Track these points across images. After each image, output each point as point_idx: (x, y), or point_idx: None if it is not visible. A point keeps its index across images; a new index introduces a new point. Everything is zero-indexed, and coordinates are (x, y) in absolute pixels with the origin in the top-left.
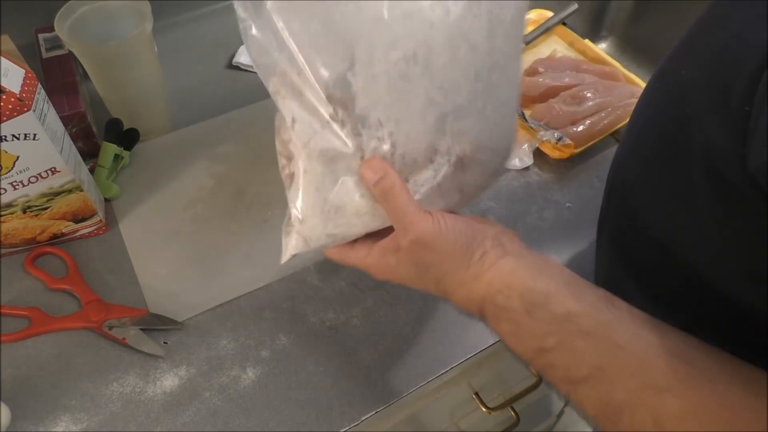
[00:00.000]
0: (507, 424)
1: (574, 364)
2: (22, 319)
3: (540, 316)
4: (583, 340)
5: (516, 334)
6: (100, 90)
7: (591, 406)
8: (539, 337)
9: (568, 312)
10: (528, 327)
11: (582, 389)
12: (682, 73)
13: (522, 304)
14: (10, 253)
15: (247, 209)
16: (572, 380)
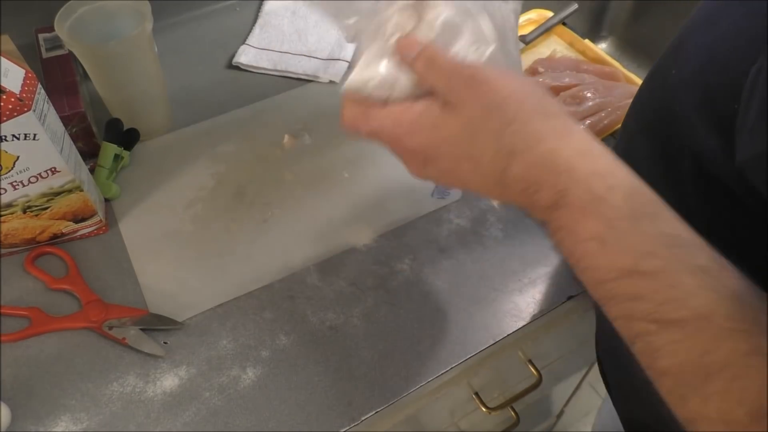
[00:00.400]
0: (507, 424)
1: (672, 301)
2: (22, 319)
3: (647, 228)
4: (694, 277)
5: (604, 241)
6: (100, 90)
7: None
8: (637, 255)
9: (678, 236)
10: (626, 236)
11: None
12: (673, 73)
13: (628, 204)
14: (10, 253)
15: (247, 209)
16: (659, 320)
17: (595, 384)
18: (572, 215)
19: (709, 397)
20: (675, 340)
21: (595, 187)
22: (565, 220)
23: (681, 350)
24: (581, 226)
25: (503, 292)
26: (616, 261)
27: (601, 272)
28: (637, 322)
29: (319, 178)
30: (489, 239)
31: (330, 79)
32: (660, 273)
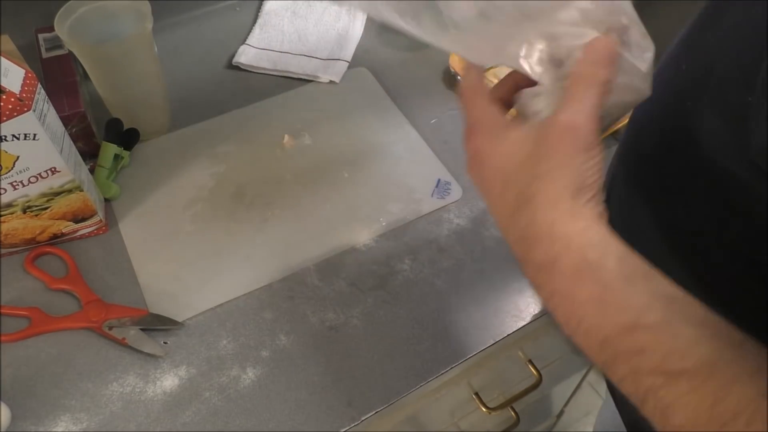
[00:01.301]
0: (507, 424)
1: (676, 352)
2: (22, 319)
3: (642, 287)
4: (694, 328)
5: (601, 301)
6: (100, 90)
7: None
8: (635, 310)
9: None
10: (624, 295)
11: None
12: (683, 68)
13: (619, 267)
14: (10, 253)
15: (247, 209)
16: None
17: (595, 384)
18: (566, 280)
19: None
20: (684, 392)
21: (589, 255)
22: (559, 285)
23: (692, 402)
24: (577, 290)
25: (503, 292)
26: (616, 318)
27: (603, 331)
28: (644, 378)
29: (319, 178)
30: (489, 239)
31: (330, 79)
32: (660, 326)
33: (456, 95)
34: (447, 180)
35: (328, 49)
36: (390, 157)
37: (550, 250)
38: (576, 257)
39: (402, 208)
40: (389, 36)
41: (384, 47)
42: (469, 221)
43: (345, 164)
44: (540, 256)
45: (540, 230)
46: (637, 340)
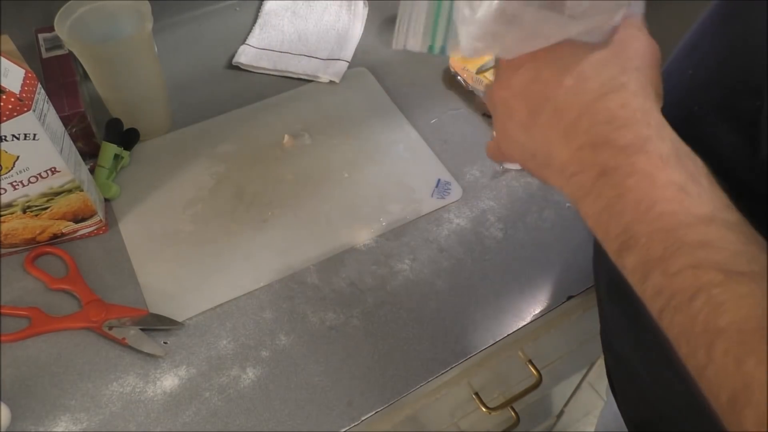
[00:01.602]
0: (507, 424)
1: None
2: (22, 319)
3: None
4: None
5: (685, 189)
6: (100, 90)
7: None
8: (717, 206)
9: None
10: (707, 189)
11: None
12: (689, 73)
13: (705, 169)
14: (10, 253)
15: (247, 209)
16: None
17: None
18: (652, 161)
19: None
20: (742, 294)
21: (679, 147)
22: (643, 165)
23: (745, 305)
24: (662, 172)
25: (503, 292)
26: (694, 208)
27: (677, 218)
28: (703, 272)
29: (319, 178)
30: (489, 239)
31: (330, 79)
32: (737, 226)
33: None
34: (447, 180)
35: (328, 49)
36: (390, 157)
37: (643, 132)
38: (668, 145)
39: (402, 208)
40: (389, 36)
41: (384, 47)
42: (469, 221)
43: (345, 164)
44: (629, 136)
45: (635, 113)
46: (709, 234)
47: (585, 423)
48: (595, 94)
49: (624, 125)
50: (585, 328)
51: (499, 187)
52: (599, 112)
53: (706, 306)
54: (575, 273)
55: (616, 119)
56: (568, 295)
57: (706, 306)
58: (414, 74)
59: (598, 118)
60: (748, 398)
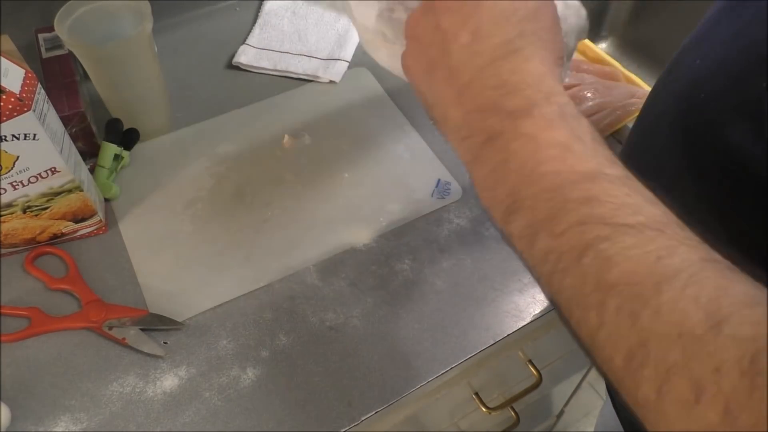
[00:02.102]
0: (507, 424)
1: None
2: (22, 319)
3: (608, 149)
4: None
5: (569, 148)
6: (100, 90)
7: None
8: (600, 162)
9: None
10: (592, 147)
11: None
12: (696, 63)
13: (591, 131)
14: (10, 253)
15: (247, 209)
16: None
17: (595, 384)
18: (537, 124)
19: (663, 306)
20: (629, 245)
21: (566, 110)
22: (528, 128)
23: (634, 256)
24: (546, 134)
25: (503, 292)
26: (579, 165)
27: (561, 176)
28: (590, 227)
29: (319, 178)
30: (489, 239)
31: (330, 79)
32: (620, 179)
33: None
34: (447, 180)
35: (328, 49)
36: (390, 157)
37: (532, 97)
38: (555, 108)
39: (402, 208)
40: None
41: None
42: (469, 221)
43: (345, 164)
44: (517, 101)
45: (525, 79)
46: (592, 188)
47: (585, 423)
48: (488, 57)
49: (512, 91)
50: None
51: None
52: (490, 77)
53: (595, 262)
54: None
55: (506, 85)
56: None
57: (595, 262)
58: None
59: (489, 83)
60: (646, 355)
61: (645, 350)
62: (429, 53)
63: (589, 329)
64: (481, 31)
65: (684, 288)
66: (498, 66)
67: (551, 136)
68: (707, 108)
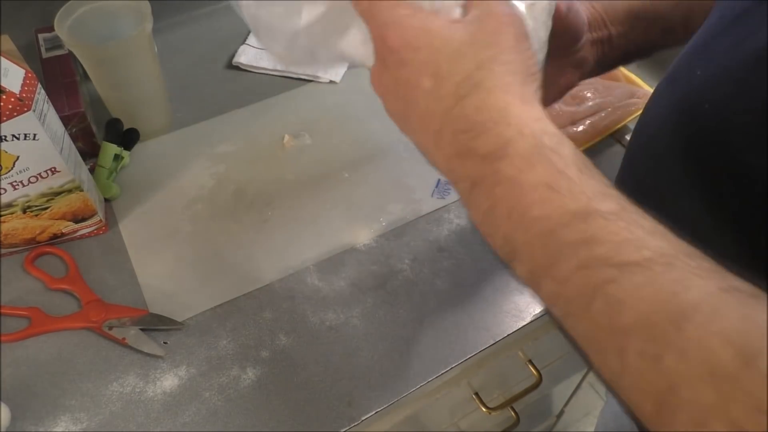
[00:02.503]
0: (507, 424)
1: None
2: (22, 319)
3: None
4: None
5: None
6: (100, 90)
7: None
8: (590, 197)
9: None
10: (578, 182)
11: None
12: (698, 74)
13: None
14: (10, 253)
15: (247, 209)
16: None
17: (595, 384)
18: (515, 164)
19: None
20: (639, 284)
21: (544, 141)
22: (508, 171)
23: (647, 296)
24: (528, 175)
25: (503, 292)
26: (568, 205)
27: (551, 220)
28: (594, 271)
29: (319, 178)
30: None
31: (330, 79)
32: (616, 214)
33: None
34: (447, 180)
35: None
36: (390, 157)
37: (503, 135)
38: (530, 142)
39: (402, 208)
40: None
41: None
42: (469, 221)
43: (345, 164)
44: (489, 143)
45: (491, 115)
46: (588, 229)
47: (585, 423)
48: (452, 99)
49: (481, 132)
50: None
51: None
52: (457, 121)
53: (606, 307)
54: None
55: (474, 127)
56: None
57: (606, 307)
58: None
59: (458, 127)
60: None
61: (676, 395)
62: (399, 106)
63: (611, 374)
64: (440, 73)
65: (707, 323)
66: (463, 106)
67: (532, 176)
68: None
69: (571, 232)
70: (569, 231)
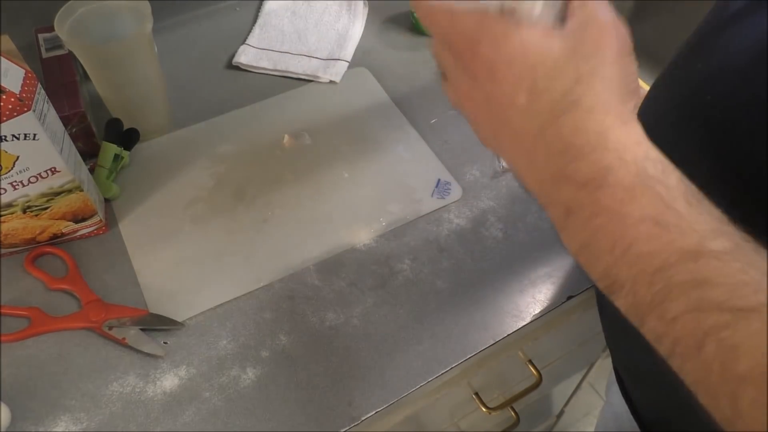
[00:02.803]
0: (507, 424)
1: (748, 285)
2: (22, 319)
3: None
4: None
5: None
6: (100, 90)
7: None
8: (702, 235)
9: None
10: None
11: (747, 324)
12: (699, 67)
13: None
14: (10, 253)
15: (247, 209)
16: (735, 308)
17: (595, 384)
18: (616, 195)
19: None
20: (755, 331)
21: (648, 168)
22: (609, 201)
23: (763, 344)
24: (631, 207)
25: (503, 292)
26: (677, 242)
27: (659, 257)
28: (707, 315)
29: (319, 178)
30: (489, 239)
31: (330, 79)
32: (730, 254)
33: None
34: (447, 180)
35: (328, 49)
36: (390, 157)
37: (602, 161)
38: (633, 170)
39: (402, 208)
40: (389, 36)
41: (384, 47)
42: (469, 221)
43: (345, 164)
44: (587, 169)
45: (589, 138)
46: (700, 270)
47: (585, 423)
48: (547, 117)
49: (578, 156)
50: (585, 328)
51: (499, 187)
52: (553, 142)
53: (719, 352)
54: (575, 273)
55: (570, 149)
56: (568, 295)
57: (719, 352)
58: (414, 74)
59: (553, 149)
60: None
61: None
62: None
63: (724, 417)
64: (536, 89)
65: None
66: (560, 125)
67: (636, 209)
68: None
69: (680, 272)
70: (679, 271)
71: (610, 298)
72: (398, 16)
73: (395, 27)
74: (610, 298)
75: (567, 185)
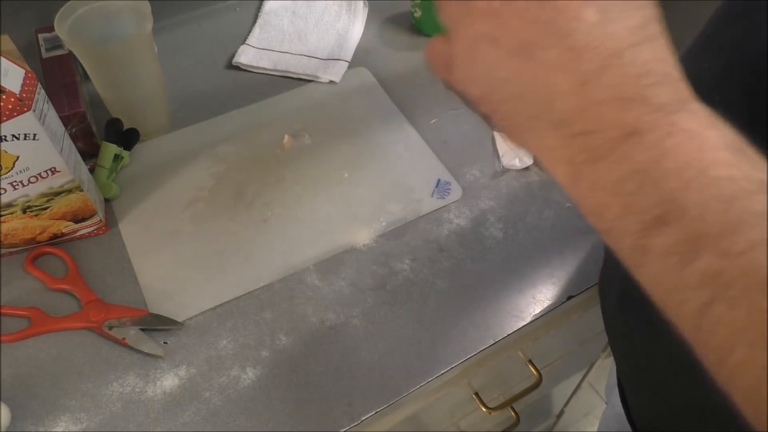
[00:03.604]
0: (507, 424)
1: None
2: (22, 319)
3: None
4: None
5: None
6: (100, 90)
7: None
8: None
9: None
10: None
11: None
12: (705, 66)
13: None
14: (10, 253)
15: (247, 209)
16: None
17: (595, 384)
18: (699, 119)
19: None
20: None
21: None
22: (687, 123)
23: None
24: (711, 133)
25: (503, 292)
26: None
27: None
28: None
29: (319, 178)
30: (489, 239)
31: (330, 79)
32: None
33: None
34: (447, 180)
35: (328, 49)
36: (390, 157)
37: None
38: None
39: (402, 208)
40: (389, 36)
41: (384, 47)
42: (469, 221)
43: (345, 164)
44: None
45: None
46: None
47: (585, 423)
48: (625, 41)
49: (661, 82)
50: (585, 328)
51: (499, 187)
52: (631, 64)
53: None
54: (575, 273)
55: (651, 74)
56: (568, 295)
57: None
58: (414, 74)
59: (630, 71)
60: None
61: None
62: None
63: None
64: (609, 11)
65: None
66: (640, 50)
67: (715, 135)
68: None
69: (758, 202)
70: (755, 200)
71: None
72: (398, 16)
73: (395, 27)
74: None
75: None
